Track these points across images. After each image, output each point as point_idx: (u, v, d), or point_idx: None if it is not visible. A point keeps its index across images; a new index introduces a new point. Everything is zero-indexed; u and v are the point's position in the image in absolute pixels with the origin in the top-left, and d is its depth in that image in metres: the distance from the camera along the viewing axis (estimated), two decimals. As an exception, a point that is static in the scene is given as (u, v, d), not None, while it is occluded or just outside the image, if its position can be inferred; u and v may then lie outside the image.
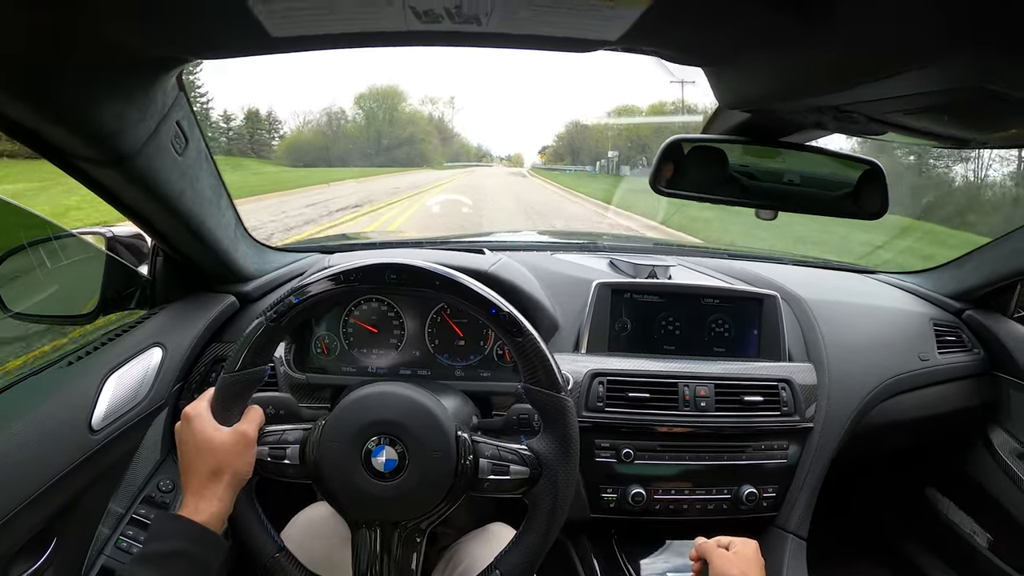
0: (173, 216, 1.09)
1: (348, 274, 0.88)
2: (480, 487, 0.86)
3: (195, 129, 1.02)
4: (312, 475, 0.87)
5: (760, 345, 1.42)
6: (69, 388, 1.05)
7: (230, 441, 0.83)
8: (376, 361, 1.35)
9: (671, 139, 1.00)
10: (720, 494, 1.31)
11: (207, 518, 0.78)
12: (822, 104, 0.75)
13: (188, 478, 0.82)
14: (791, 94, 0.75)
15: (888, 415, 1.48)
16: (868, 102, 0.69)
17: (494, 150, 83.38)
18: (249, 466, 0.84)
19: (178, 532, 0.76)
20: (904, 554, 1.91)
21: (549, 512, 0.86)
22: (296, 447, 0.87)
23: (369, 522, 0.87)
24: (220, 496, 0.80)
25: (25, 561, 0.94)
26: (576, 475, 0.88)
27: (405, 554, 0.86)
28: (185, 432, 0.84)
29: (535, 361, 0.87)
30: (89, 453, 1.01)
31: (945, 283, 1.73)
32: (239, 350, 0.86)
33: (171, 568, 0.73)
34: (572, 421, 0.88)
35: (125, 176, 0.93)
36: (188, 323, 1.28)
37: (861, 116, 0.76)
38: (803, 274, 1.75)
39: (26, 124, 0.79)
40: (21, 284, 1.23)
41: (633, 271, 1.56)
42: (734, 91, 0.83)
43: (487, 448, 0.87)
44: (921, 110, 0.70)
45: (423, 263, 0.89)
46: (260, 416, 0.89)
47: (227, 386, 0.86)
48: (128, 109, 0.83)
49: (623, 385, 1.28)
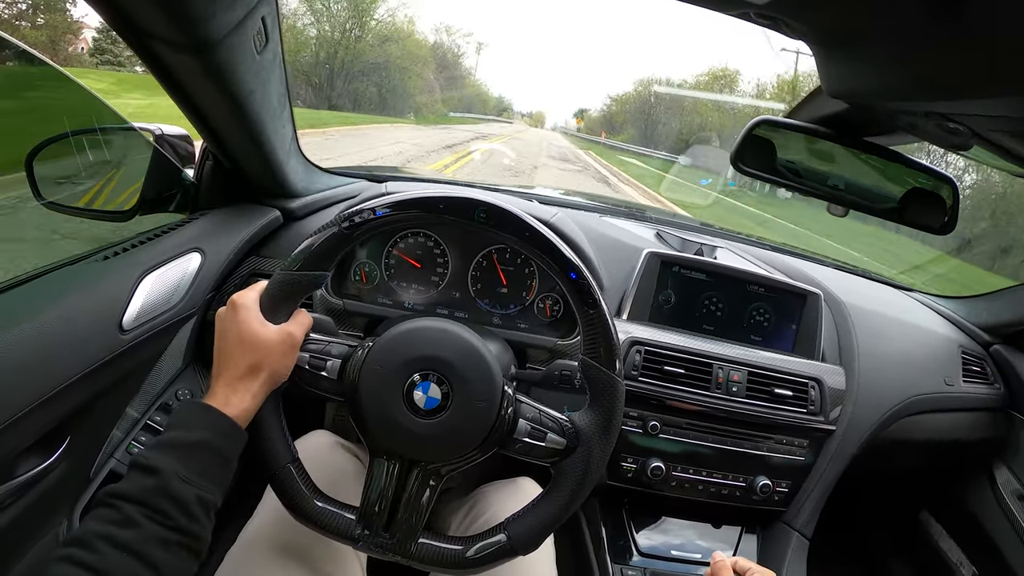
0: (237, 118, 1.08)
1: (438, 201, 0.86)
2: (511, 446, 0.86)
3: (276, 31, 1.02)
4: (347, 394, 0.86)
5: (796, 340, 1.45)
6: (104, 283, 1.04)
7: (275, 339, 0.81)
8: (413, 296, 1.36)
9: (755, 119, 1.02)
10: (735, 481, 1.35)
11: (236, 412, 0.77)
12: (931, 110, 0.76)
13: (223, 369, 0.80)
14: (901, 94, 0.76)
15: (905, 432, 1.52)
16: (980, 116, 0.70)
17: (516, 104, 73.95)
18: (288, 369, 0.84)
19: (204, 421, 0.75)
20: (892, 571, 1.97)
21: (574, 487, 0.86)
22: (337, 362, 0.87)
23: (390, 453, 0.86)
24: (254, 393, 0.79)
25: (36, 457, 0.94)
26: (608, 456, 0.88)
27: (418, 494, 0.86)
28: (229, 320, 0.82)
29: (599, 335, 0.87)
30: (116, 353, 1.00)
31: (978, 313, 1.76)
32: (304, 249, 0.85)
33: (193, 458, 0.72)
34: (620, 403, 0.87)
35: (202, 66, 0.92)
36: (230, 231, 1.28)
37: (965, 129, 0.77)
38: (844, 278, 1.78)
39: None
40: (60, 172, 1.21)
41: (681, 246, 1.58)
42: (844, 79, 0.83)
43: (528, 410, 0.87)
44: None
45: (516, 209, 0.87)
46: (309, 320, 0.88)
47: (282, 283, 0.85)
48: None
49: (660, 357, 1.32)
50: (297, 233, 1.38)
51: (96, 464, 1.09)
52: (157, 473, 0.68)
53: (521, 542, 0.86)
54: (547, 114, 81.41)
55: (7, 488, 0.88)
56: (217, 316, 0.84)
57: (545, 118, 76.60)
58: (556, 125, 71.04)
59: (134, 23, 0.84)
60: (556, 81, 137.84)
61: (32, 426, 0.87)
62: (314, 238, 0.85)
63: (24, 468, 0.91)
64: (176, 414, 0.77)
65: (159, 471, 0.68)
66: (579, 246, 1.36)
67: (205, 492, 0.70)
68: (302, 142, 1.35)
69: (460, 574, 0.88)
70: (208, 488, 0.71)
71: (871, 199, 1.05)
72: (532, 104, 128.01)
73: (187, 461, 0.71)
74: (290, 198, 1.39)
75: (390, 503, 0.86)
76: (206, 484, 0.71)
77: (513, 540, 0.86)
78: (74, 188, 1.25)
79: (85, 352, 0.95)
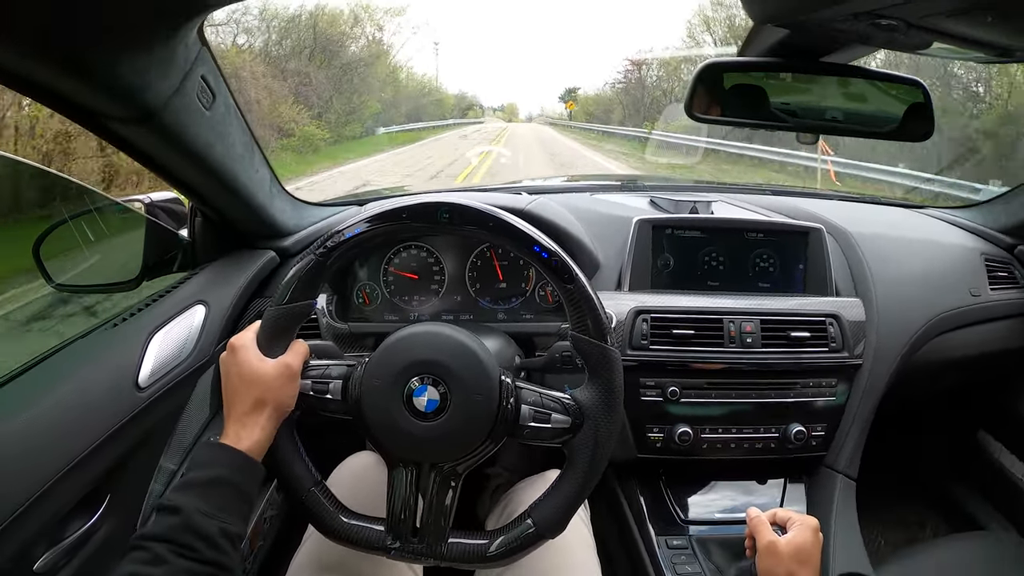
0: (206, 173, 1.12)
1: (400, 211, 0.89)
2: (520, 433, 0.87)
3: (221, 84, 1.04)
4: (353, 411, 0.89)
5: (806, 280, 1.42)
6: (116, 348, 1.09)
7: (274, 372, 0.85)
8: (418, 308, 1.38)
9: (705, 63, 1.01)
10: (768, 433, 1.33)
11: (249, 446, 0.80)
12: (857, 9, 0.76)
13: (231, 407, 0.84)
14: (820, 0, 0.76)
15: (939, 353, 1.49)
16: (905, 4, 0.69)
17: (483, 99, 63.18)
18: (292, 398, 0.87)
19: (219, 460, 0.79)
20: (954, 498, 1.92)
21: (587, 463, 0.87)
22: (339, 382, 0.89)
23: (406, 461, 0.88)
24: (262, 426, 0.83)
25: (80, 519, 0.98)
26: (618, 428, 0.89)
27: (440, 496, 0.88)
28: (230, 362, 0.86)
29: (584, 309, 0.88)
30: (137, 410, 1.04)
31: (996, 217, 1.72)
32: (287, 284, 0.88)
33: (212, 494, 0.75)
34: (618, 372, 0.88)
35: (154, 133, 0.96)
36: (229, 280, 1.31)
37: (900, 22, 0.77)
38: (849, 209, 1.75)
39: (51, 86, 0.82)
40: (64, 256, 1.27)
41: (674, 208, 1.57)
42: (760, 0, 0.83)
43: (529, 394, 0.88)
44: (961, 10, 0.71)
45: (477, 203, 0.89)
46: (305, 350, 0.91)
47: (274, 318, 0.88)
48: (150, 64, 0.85)
49: (667, 322, 1.31)
50: None
51: (141, 518, 1.13)
52: (180, 512, 0.72)
53: (547, 526, 0.87)
54: (519, 105, 74.83)
55: (57, 550, 0.92)
56: (220, 360, 0.88)
57: (518, 109, 70.43)
58: (532, 115, 63.63)
59: (78, 107, 0.88)
60: (524, 67, 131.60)
61: (69, 490, 0.92)
62: (295, 270, 0.89)
63: (71, 530, 0.96)
64: (193, 456, 0.84)
65: (181, 509, 0.72)
66: (562, 227, 1.36)
67: (227, 524, 0.74)
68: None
69: (493, 566, 0.90)
70: (230, 520, 0.75)
71: (870, 123, 1.06)
72: (500, 97, 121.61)
73: (207, 497, 0.74)
74: (283, 237, 1.42)
75: (414, 509, 0.88)
76: (228, 517, 0.75)
77: (539, 525, 0.87)
78: (79, 267, 1.30)
79: (107, 414, 1.00)
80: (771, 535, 0.97)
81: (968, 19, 0.74)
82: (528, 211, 1.33)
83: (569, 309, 0.89)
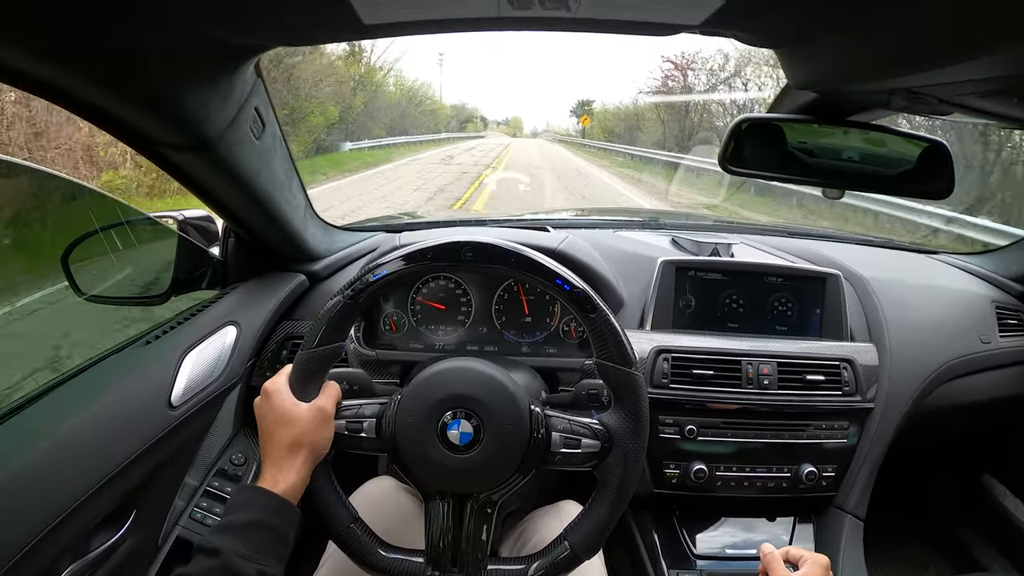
0: (248, 199, 1.15)
1: (425, 252, 0.91)
2: (552, 460, 0.90)
3: (271, 114, 1.08)
4: (388, 448, 0.91)
5: (822, 324, 1.45)
6: (149, 366, 1.12)
7: (308, 416, 0.86)
8: (443, 338, 1.40)
9: (739, 118, 1.04)
10: (780, 472, 1.35)
11: (285, 489, 0.82)
12: (895, 86, 0.79)
13: (267, 451, 0.86)
14: (863, 75, 0.79)
15: (949, 398, 1.51)
16: (941, 84, 0.73)
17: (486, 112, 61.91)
18: (327, 440, 0.88)
19: (256, 503, 0.81)
20: (959, 540, 1.94)
21: (618, 485, 0.89)
22: (372, 421, 0.91)
23: (443, 494, 0.90)
24: (298, 469, 0.84)
25: (106, 532, 1.01)
26: (644, 450, 0.91)
27: (477, 525, 0.90)
28: (264, 407, 0.88)
29: (607, 337, 0.90)
30: (169, 428, 1.08)
31: (1008, 265, 1.75)
32: (316, 327, 0.90)
33: (249, 537, 0.77)
34: (643, 396, 0.90)
35: (206, 161, 1.00)
36: (261, 301, 1.35)
37: (932, 98, 0.80)
38: (865, 253, 1.78)
39: (114, 113, 0.86)
40: (94, 267, 1.29)
41: (696, 248, 1.60)
42: (806, 71, 0.87)
43: (559, 422, 0.91)
44: (993, 93, 0.74)
45: (499, 240, 0.92)
46: (337, 392, 0.93)
47: (305, 362, 0.90)
48: (212, 96, 0.89)
49: (687, 362, 1.33)
50: (323, 293, 1.44)
51: (163, 533, 1.16)
52: (219, 554, 0.73)
53: (583, 548, 0.90)
54: (524, 120, 74.29)
55: (83, 563, 0.95)
56: (255, 406, 0.90)
57: (523, 124, 69.86)
58: (537, 129, 61.60)
59: (138, 133, 0.91)
60: (530, 80, 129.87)
61: (99, 504, 0.95)
62: (323, 313, 0.91)
63: (96, 544, 0.99)
64: (232, 499, 0.84)
65: (220, 552, 0.73)
66: (591, 267, 1.39)
67: (264, 567, 0.76)
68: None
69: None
70: (267, 563, 0.76)
71: (886, 164, 1.06)
72: (505, 111, 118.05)
73: (245, 540, 0.76)
74: (313, 261, 1.45)
75: (452, 540, 0.90)
76: (265, 559, 0.76)
77: (575, 547, 0.90)
78: (110, 280, 1.33)
79: (140, 431, 1.03)
80: (784, 572, 0.99)
81: (996, 98, 0.78)
82: (560, 251, 1.36)
83: (593, 338, 0.91)
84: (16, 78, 0.73)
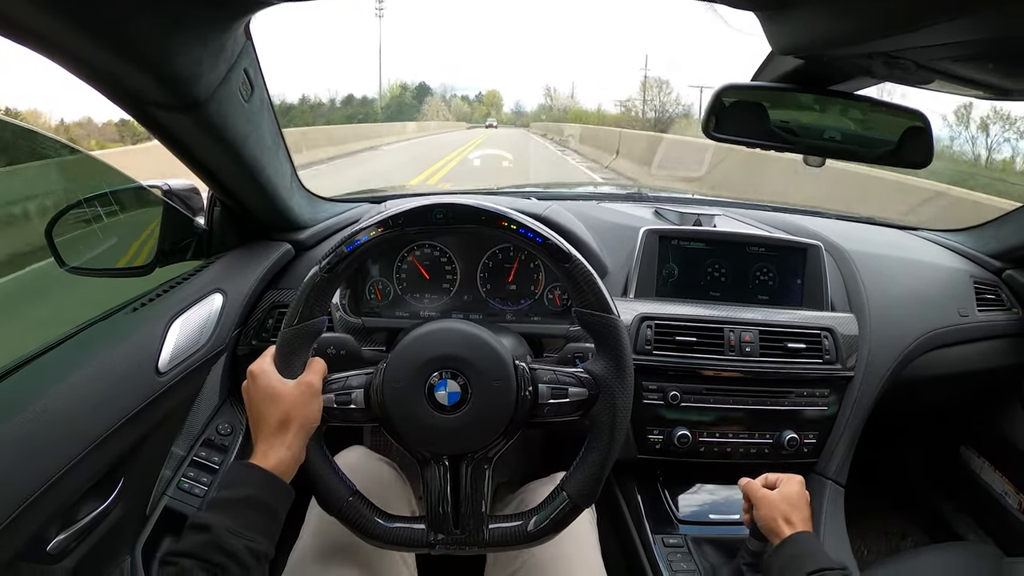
0: (236, 163, 1.16)
1: (396, 218, 0.92)
2: (541, 412, 0.92)
3: (260, 77, 1.09)
4: (378, 417, 0.92)
5: (803, 294, 1.49)
6: (136, 332, 1.14)
7: (296, 392, 0.88)
8: (428, 305, 1.42)
9: (721, 86, 1.07)
10: (763, 438, 1.40)
11: (275, 464, 0.83)
12: (873, 50, 0.82)
13: (258, 429, 0.87)
14: (844, 40, 0.82)
15: (927, 369, 1.56)
16: (919, 48, 0.76)
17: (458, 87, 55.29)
18: (316, 414, 0.90)
19: (249, 479, 0.82)
20: (935, 511, 2.00)
21: (609, 431, 0.91)
22: (360, 391, 0.93)
23: (437, 456, 0.92)
24: (289, 444, 0.85)
25: (94, 500, 1.03)
26: (631, 393, 0.93)
27: (474, 486, 0.92)
28: (252, 388, 0.90)
29: (584, 285, 0.92)
30: (156, 395, 1.09)
31: (986, 242, 1.79)
32: (296, 303, 0.92)
33: (241, 512, 0.79)
34: (624, 341, 0.93)
35: (196, 122, 1.00)
36: (247, 270, 1.36)
37: (910, 63, 0.83)
38: (846, 227, 1.81)
39: (105, 68, 0.86)
40: (78, 238, 1.29)
41: (679, 219, 1.63)
42: (787, 36, 0.89)
43: (545, 373, 0.93)
44: (968, 57, 0.78)
45: (470, 199, 0.94)
46: (323, 366, 0.94)
47: (288, 339, 0.91)
48: (203, 54, 0.89)
49: (671, 329, 1.37)
50: (308, 262, 1.45)
51: (151, 502, 1.18)
52: (209, 529, 0.75)
53: (581, 497, 0.92)
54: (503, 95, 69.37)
55: (72, 531, 0.97)
56: (243, 390, 0.92)
57: (502, 101, 65.09)
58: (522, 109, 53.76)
59: (128, 91, 0.92)
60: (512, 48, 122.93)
61: (87, 471, 0.97)
62: (301, 290, 0.92)
63: (84, 512, 1.01)
64: (224, 476, 0.88)
65: (211, 527, 0.75)
66: (575, 233, 1.42)
67: (254, 543, 0.77)
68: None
69: (534, 544, 0.95)
70: (257, 539, 0.78)
71: (867, 144, 1.10)
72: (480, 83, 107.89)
73: (235, 516, 0.78)
74: (299, 230, 1.47)
75: (451, 503, 0.93)
76: (254, 535, 0.78)
77: (574, 497, 0.92)
78: (93, 251, 1.33)
79: (128, 397, 1.05)
80: (763, 491, 1.08)
81: (972, 64, 0.81)
82: (544, 216, 1.38)
83: (571, 288, 0.94)
84: (8, 27, 0.73)
